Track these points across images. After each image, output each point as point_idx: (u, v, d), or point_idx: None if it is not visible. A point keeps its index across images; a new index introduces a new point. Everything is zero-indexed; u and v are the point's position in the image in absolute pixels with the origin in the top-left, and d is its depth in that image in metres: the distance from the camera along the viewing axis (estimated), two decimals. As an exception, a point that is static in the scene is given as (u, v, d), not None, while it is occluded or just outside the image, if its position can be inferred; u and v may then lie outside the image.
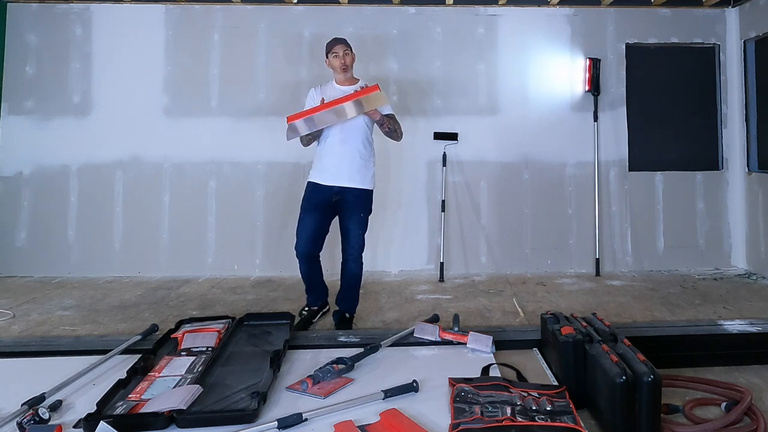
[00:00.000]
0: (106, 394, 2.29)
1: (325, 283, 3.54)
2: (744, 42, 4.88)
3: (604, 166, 4.94)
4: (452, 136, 4.74)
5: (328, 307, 3.55)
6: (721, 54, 5.03)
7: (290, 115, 3.27)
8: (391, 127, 3.37)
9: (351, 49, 3.45)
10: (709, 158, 5.02)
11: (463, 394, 2.31)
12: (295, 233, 3.37)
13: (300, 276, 3.51)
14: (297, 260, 3.40)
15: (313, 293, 3.50)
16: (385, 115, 3.36)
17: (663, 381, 2.23)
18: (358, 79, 3.50)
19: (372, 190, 3.39)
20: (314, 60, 4.90)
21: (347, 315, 3.40)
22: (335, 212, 3.36)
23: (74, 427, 2.14)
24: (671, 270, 4.83)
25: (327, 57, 3.45)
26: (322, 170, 3.33)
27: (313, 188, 3.35)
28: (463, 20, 4.97)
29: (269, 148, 4.83)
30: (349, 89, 3.36)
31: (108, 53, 4.88)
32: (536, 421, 2.10)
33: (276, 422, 2.09)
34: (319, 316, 3.47)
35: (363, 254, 3.38)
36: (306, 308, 3.47)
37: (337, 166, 3.29)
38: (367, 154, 3.37)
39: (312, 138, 3.34)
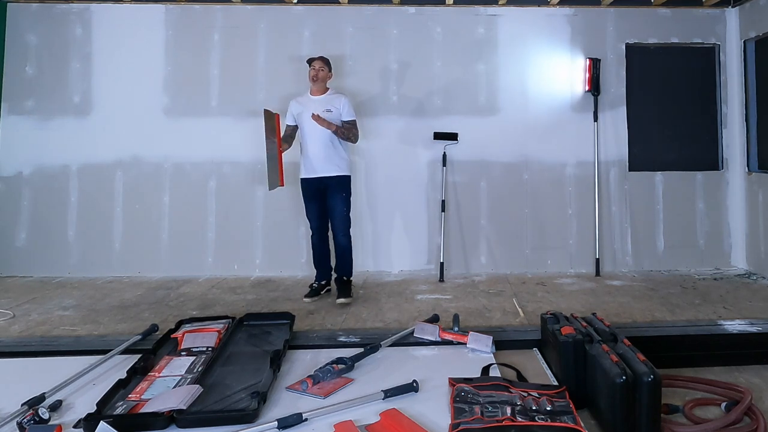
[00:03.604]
0: (106, 394, 2.30)
1: (331, 265, 4.14)
2: (744, 42, 4.88)
3: (604, 166, 4.94)
4: (452, 136, 4.73)
5: (329, 288, 4.14)
6: (721, 54, 5.02)
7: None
8: (344, 135, 3.96)
9: (328, 68, 4.08)
10: (709, 158, 5.02)
11: (463, 394, 2.31)
12: (306, 217, 4.11)
13: (312, 259, 4.18)
14: (311, 240, 4.12)
15: (320, 269, 4.11)
16: (345, 122, 3.98)
17: (663, 381, 2.24)
18: (328, 89, 4.10)
19: (349, 176, 4.05)
20: (314, 60, 4.90)
21: (345, 278, 4.01)
22: (325, 196, 4.02)
23: (74, 427, 2.15)
24: (671, 270, 4.83)
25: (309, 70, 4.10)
26: (306, 166, 3.98)
27: (304, 183, 4.02)
28: (463, 20, 4.97)
29: (269, 148, 4.83)
30: (318, 98, 4.02)
31: (108, 53, 4.88)
32: (536, 421, 2.11)
33: (276, 422, 2.10)
34: (324, 290, 4.09)
35: (351, 230, 4.05)
36: (315, 282, 4.09)
37: (316, 161, 3.94)
38: (339, 146, 3.97)
39: (288, 145, 4.06)
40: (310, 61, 4.08)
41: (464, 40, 4.97)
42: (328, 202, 3.98)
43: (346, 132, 3.96)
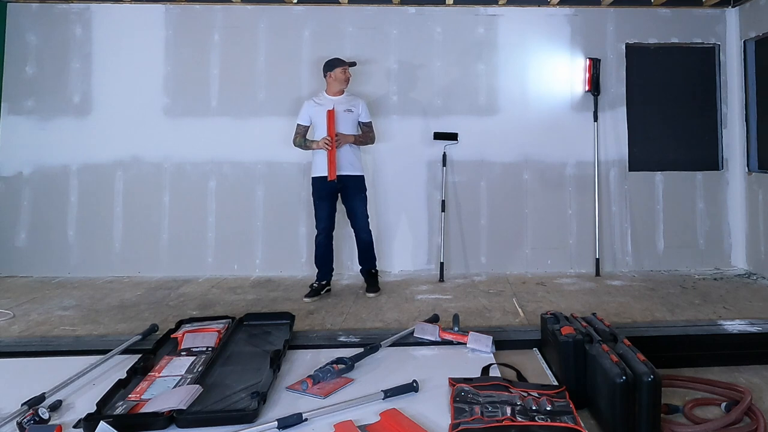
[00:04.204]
0: (106, 394, 2.29)
1: (332, 266, 4.20)
2: (744, 42, 4.88)
3: (604, 166, 4.94)
4: (452, 136, 4.73)
5: (330, 288, 4.17)
6: (721, 54, 5.02)
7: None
8: (362, 142, 4.19)
9: None
10: (709, 158, 5.02)
11: (463, 394, 2.32)
12: (315, 217, 4.16)
13: (315, 258, 4.19)
14: (316, 239, 4.14)
15: (323, 269, 4.13)
16: (364, 124, 4.22)
17: (663, 381, 2.24)
18: (344, 91, 4.22)
19: (363, 175, 4.19)
20: (314, 60, 4.90)
21: (373, 270, 4.20)
22: (338, 196, 4.12)
23: (74, 427, 2.14)
24: (671, 270, 4.83)
25: (331, 71, 4.13)
26: (322, 165, 4.02)
27: (319, 181, 4.05)
28: (463, 20, 4.97)
29: (269, 148, 4.83)
30: (338, 98, 4.15)
31: (108, 53, 4.87)
32: (536, 421, 2.11)
33: (276, 422, 2.10)
34: (324, 290, 4.09)
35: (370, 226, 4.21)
36: (316, 282, 4.09)
37: (337, 160, 3.97)
38: (353, 148, 4.13)
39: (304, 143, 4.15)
40: (339, 63, 4.13)
41: (464, 40, 4.97)
42: (347, 202, 4.13)
43: (364, 138, 4.20)
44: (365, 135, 4.22)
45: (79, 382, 2.55)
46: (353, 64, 4.25)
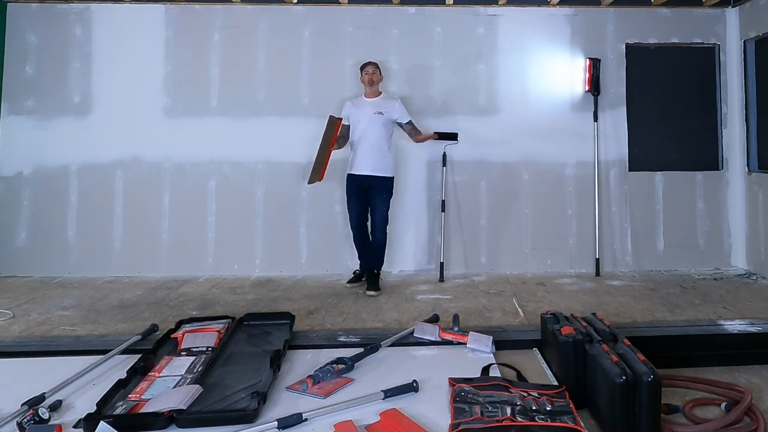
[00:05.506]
0: (106, 394, 2.29)
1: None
2: (744, 42, 4.88)
3: (604, 166, 4.94)
4: (452, 136, 4.73)
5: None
6: (721, 54, 5.02)
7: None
8: (421, 138, 4.45)
9: (379, 71, 4.38)
10: (709, 158, 5.02)
11: (463, 394, 2.32)
12: (347, 212, 4.34)
13: (354, 247, 4.40)
14: (351, 232, 4.33)
15: (363, 258, 4.34)
16: (405, 124, 4.34)
17: (663, 381, 2.24)
18: (381, 92, 4.38)
19: (392, 177, 4.28)
20: (314, 60, 4.91)
21: (375, 271, 4.26)
22: (367, 194, 4.24)
23: (74, 427, 2.14)
24: (671, 270, 4.83)
25: (361, 74, 4.35)
26: (355, 164, 4.22)
27: (350, 178, 4.25)
28: (463, 20, 4.97)
29: (269, 148, 4.84)
30: (371, 100, 4.31)
31: (108, 53, 4.87)
32: (536, 421, 2.11)
33: (276, 422, 2.10)
34: (365, 277, 4.27)
35: (387, 228, 4.28)
36: (358, 269, 4.38)
37: (364, 159, 4.17)
38: (386, 149, 4.24)
39: (344, 142, 4.32)
40: (362, 66, 4.34)
41: (464, 40, 4.97)
42: (370, 201, 4.24)
43: (418, 136, 4.40)
44: (415, 133, 4.38)
45: (79, 382, 2.55)
46: (371, 62, 4.35)
